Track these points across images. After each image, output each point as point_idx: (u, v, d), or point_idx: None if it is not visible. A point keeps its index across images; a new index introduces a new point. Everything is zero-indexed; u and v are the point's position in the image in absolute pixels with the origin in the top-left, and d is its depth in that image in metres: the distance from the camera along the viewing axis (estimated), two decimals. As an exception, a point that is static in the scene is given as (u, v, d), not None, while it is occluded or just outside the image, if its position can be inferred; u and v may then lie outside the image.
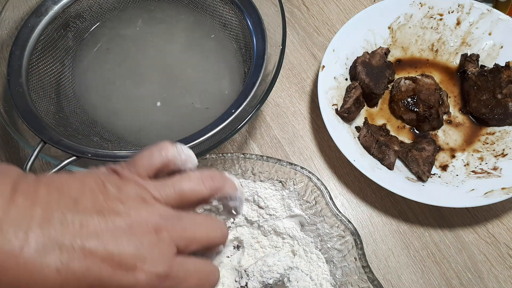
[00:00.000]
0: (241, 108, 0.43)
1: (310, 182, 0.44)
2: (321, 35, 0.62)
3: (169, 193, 0.29)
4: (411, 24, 0.58)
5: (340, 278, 0.42)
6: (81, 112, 0.49)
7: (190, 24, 0.54)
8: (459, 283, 0.47)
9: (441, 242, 0.49)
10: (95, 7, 0.53)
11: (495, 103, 0.53)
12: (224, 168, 0.46)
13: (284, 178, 0.45)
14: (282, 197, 0.45)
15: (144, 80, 0.51)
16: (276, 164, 0.44)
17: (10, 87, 0.45)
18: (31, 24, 0.49)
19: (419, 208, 0.50)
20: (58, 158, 0.42)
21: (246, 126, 0.55)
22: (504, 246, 0.49)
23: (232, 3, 0.51)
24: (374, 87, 0.53)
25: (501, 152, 0.51)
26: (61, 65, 0.51)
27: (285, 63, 0.59)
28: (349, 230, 0.42)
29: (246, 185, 0.46)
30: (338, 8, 0.64)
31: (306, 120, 0.56)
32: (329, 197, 0.43)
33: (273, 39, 0.48)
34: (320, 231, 0.44)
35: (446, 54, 0.58)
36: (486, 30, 0.56)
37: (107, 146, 0.46)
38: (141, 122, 0.49)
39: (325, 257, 0.43)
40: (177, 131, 0.48)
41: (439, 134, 0.54)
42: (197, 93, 0.50)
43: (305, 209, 0.45)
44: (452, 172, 0.51)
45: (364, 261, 0.41)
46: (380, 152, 0.50)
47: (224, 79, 0.51)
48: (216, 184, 0.30)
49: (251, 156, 0.45)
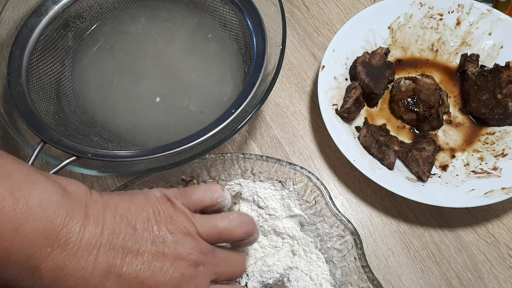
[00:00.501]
0: (241, 108, 0.43)
1: (309, 182, 0.44)
2: (321, 35, 0.62)
3: (211, 231, 0.33)
4: (411, 24, 0.58)
5: (340, 278, 0.42)
6: (81, 112, 0.49)
7: (190, 24, 0.54)
8: (459, 283, 0.47)
9: (441, 242, 0.49)
10: (95, 7, 0.53)
11: (495, 103, 0.53)
12: (224, 168, 0.46)
13: (283, 178, 0.45)
14: (281, 197, 0.45)
15: (144, 79, 0.51)
16: (276, 164, 0.44)
17: (10, 87, 0.45)
18: (31, 24, 0.49)
19: (419, 208, 0.50)
20: (58, 158, 0.42)
21: (246, 126, 0.55)
22: (504, 246, 0.49)
23: (232, 3, 0.51)
24: (374, 87, 0.53)
25: (501, 152, 0.51)
26: (61, 65, 0.51)
27: (285, 63, 0.59)
28: (349, 230, 0.42)
29: (246, 185, 0.46)
30: (338, 8, 0.64)
31: (306, 120, 0.56)
32: (329, 197, 0.43)
33: (273, 39, 0.48)
34: (320, 231, 0.44)
35: (446, 54, 0.58)
36: (486, 30, 0.56)
37: (107, 146, 0.46)
38: (141, 122, 0.49)
39: (325, 257, 0.43)
40: (176, 131, 0.48)
41: (439, 134, 0.54)
42: (197, 93, 0.50)
43: (305, 209, 0.45)
44: (452, 172, 0.51)
45: (363, 261, 0.41)
46: (380, 152, 0.50)
47: (224, 79, 0.51)
48: (250, 230, 0.34)
49: (250, 156, 0.45)
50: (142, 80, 0.51)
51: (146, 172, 0.43)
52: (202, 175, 0.46)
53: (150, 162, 0.43)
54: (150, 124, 0.49)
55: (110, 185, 0.52)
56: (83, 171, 0.42)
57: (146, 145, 0.47)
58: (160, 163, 0.42)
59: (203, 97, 0.50)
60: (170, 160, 0.43)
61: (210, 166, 0.45)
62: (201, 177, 0.46)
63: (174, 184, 0.46)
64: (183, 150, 0.42)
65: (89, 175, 0.52)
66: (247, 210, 0.46)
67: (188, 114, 0.49)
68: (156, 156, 0.41)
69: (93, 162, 0.42)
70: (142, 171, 0.43)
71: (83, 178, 0.52)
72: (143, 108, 0.49)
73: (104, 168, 0.43)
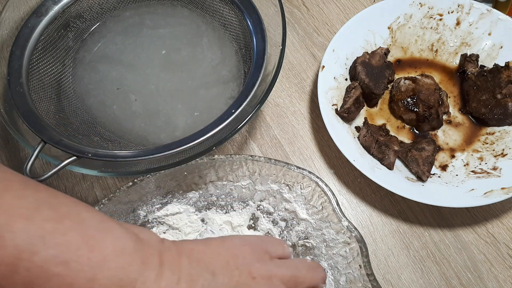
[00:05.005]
0: (241, 108, 0.43)
1: (317, 187, 0.44)
2: (321, 35, 0.62)
3: (288, 277, 0.32)
4: (411, 24, 0.58)
5: (343, 285, 0.42)
6: (81, 112, 0.49)
7: (190, 24, 0.54)
8: (458, 283, 0.47)
9: (440, 242, 0.49)
10: (95, 7, 0.53)
11: (494, 103, 0.53)
12: (232, 169, 0.46)
13: (291, 182, 0.45)
14: None
15: (144, 79, 0.51)
16: (284, 167, 0.44)
17: (10, 87, 0.45)
18: (31, 24, 0.49)
19: (419, 208, 0.50)
20: (58, 158, 0.42)
21: (246, 126, 0.55)
22: (503, 246, 0.49)
23: (232, 3, 0.51)
24: (374, 87, 0.53)
25: (500, 152, 0.51)
26: (61, 65, 0.51)
27: (285, 63, 0.60)
28: (355, 237, 0.42)
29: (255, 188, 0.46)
30: (338, 8, 0.64)
31: (306, 120, 0.56)
32: (336, 203, 0.43)
33: (273, 39, 0.48)
34: (326, 236, 0.44)
35: (445, 54, 0.58)
36: (485, 30, 0.56)
37: (107, 146, 0.46)
38: (141, 121, 0.49)
39: (330, 263, 0.43)
40: (177, 131, 0.48)
41: (439, 134, 0.54)
42: (197, 93, 0.50)
43: (312, 214, 0.45)
44: (452, 172, 0.51)
45: (369, 269, 0.40)
46: (380, 152, 0.50)
47: (224, 79, 0.51)
48: (324, 277, 0.35)
49: (259, 158, 0.45)
50: (142, 79, 0.51)
51: (146, 172, 0.43)
52: (210, 175, 0.46)
53: (150, 162, 0.43)
54: (150, 124, 0.49)
55: (111, 185, 0.52)
56: (83, 171, 0.42)
57: (146, 145, 0.47)
58: (160, 163, 0.42)
59: (203, 97, 0.50)
60: (170, 160, 0.43)
61: (218, 167, 0.45)
62: (209, 177, 0.46)
63: (181, 183, 0.46)
64: (183, 150, 0.42)
65: (89, 175, 0.52)
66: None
67: (189, 114, 0.49)
68: (156, 156, 0.42)
69: (93, 162, 0.42)
70: (142, 171, 0.43)
71: (83, 178, 0.52)
72: (143, 108, 0.49)
73: (104, 168, 0.43)
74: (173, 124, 0.49)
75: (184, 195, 0.46)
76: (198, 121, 0.48)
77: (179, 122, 0.48)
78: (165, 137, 0.48)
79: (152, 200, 0.46)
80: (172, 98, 0.50)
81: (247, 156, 0.45)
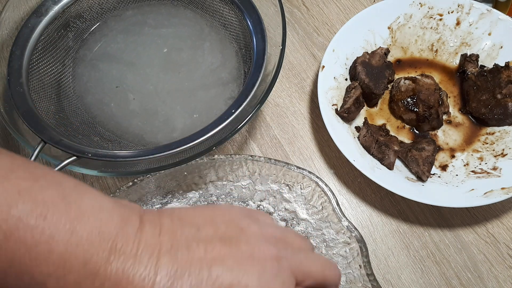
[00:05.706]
0: (241, 108, 0.43)
1: (317, 187, 0.44)
2: (321, 35, 0.62)
3: (279, 235, 0.29)
4: (411, 24, 0.58)
5: (343, 285, 0.42)
6: (81, 112, 0.49)
7: (191, 24, 0.54)
8: (458, 283, 0.47)
9: (440, 242, 0.49)
10: (95, 7, 0.53)
11: (494, 103, 0.53)
12: (232, 169, 0.46)
13: (291, 182, 0.45)
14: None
15: (144, 79, 0.51)
16: (284, 167, 0.44)
17: (10, 87, 0.45)
18: (31, 24, 0.49)
19: (419, 208, 0.50)
20: (59, 158, 0.42)
21: (246, 126, 0.55)
22: (503, 246, 0.49)
23: (232, 3, 0.51)
24: (374, 87, 0.53)
25: (500, 152, 0.51)
26: (61, 65, 0.51)
27: (285, 63, 0.59)
28: (355, 237, 0.42)
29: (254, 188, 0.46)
30: (338, 8, 0.64)
31: (306, 120, 0.56)
32: (336, 203, 0.43)
33: (273, 39, 0.48)
34: (326, 236, 0.44)
35: (445, 54, 0.58)
36: (485, 30, 0.56)
37: (107, 146, 0.46)
38: (141, 121, 0.49)
39: None
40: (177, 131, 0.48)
41: (439, 134, 0.54)
42: (198, 93, 0.50)
43: (312, 214, 0.45)
44: (452, 172, 0.51)
45: (369, 269, 0.40)
46: (380, 152, 0.50)
47: (224, 79, 0.51)
48: (339, 274, 0.31)
49: (259, 158, 0.45)
50: (143, 79, 0.51)
51: (146, 172, 0.43)
52: (210, 175, 0.46)
53: (150, 162, 0.43)
54: (148, 123, 0.49)
55: (110, 185, 0.52)
56: (83, 171, 0.42)
57: (143, 144, 0.47)
58: (160, 163, 0.42)
59: (202, 98, 0.50)
60: (170, 160, 0.43)
61: (218, 167, 0.45)
62: (209, 177, 0.46)
63: (181, 183, 0.46)
64: (183, 150, 0.42)
65: (89, 175, 0.52)
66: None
67: (188, 116, 0.49)
68: (156, 156, 0.42)
69: (93, 162, 0.42)
70: (142, 171, 0.43)
71: (83, 178, 0.52)
72: (143, 108, 0.49)
73: (104, 168, 0.43)
74: (171, 125, 0.49)
75: (184, 195, 0.46)
76: (197, 123, 0.48)
77: (178, 124, 0.48)
78: (162, 137, 0.48)
79: (152, 200, 0.46)
80: (171, 99, 0.50)
81: (247, 156, 0.45)
